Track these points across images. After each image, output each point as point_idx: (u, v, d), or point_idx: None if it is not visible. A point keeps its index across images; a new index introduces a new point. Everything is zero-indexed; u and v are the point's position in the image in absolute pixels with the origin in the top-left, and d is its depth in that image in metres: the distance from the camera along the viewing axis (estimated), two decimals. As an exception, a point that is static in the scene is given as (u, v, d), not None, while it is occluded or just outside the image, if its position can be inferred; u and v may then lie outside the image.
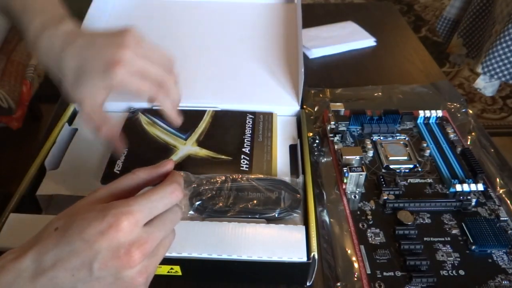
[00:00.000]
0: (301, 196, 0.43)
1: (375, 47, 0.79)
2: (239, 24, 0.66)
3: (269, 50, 0.62)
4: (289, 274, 0.39)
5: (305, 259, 0.37)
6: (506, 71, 0.96)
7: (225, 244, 0.38)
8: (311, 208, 0.41)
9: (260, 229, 0.39)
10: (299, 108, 0.54)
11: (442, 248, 0.43)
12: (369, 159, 0.53)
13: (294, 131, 0.53)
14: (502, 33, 0.91)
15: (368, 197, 0.48)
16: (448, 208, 0.46)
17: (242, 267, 0.38)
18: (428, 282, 0.39)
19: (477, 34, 1.09)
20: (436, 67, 0.74)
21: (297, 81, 0.57)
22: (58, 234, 0.28)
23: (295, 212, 0.42)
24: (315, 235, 0.39)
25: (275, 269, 0.38)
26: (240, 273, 0.40)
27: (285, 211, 0.42)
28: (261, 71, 0.59)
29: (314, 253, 0.37)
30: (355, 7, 0.95)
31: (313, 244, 0.38)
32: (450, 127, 0.57)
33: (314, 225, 0.40)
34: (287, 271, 0.39)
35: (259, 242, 0.38)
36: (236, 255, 0.37)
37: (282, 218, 0.42)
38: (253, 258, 0.37)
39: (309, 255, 0.37)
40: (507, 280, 0.40)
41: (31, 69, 0.82)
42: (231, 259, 0.37)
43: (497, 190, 0.49)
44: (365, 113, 0.57)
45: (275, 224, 0.39)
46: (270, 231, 0.39)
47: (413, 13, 2.23)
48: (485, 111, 1.64)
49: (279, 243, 0.38)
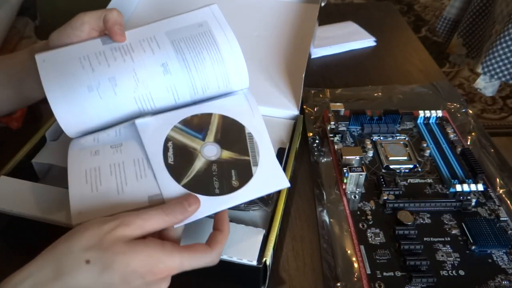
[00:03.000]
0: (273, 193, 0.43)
1: (375, 47, 0.79)
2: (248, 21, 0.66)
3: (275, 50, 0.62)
4: (240, 276, 0.39)
5: (255, 263, 0.37)
6: (506, 71, 0.96)
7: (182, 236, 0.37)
8: (278, 210, 0.42)
9: None
10: (298, 113, 0.54)
11: (442, 248, 0.43)
12: (369, 159, 0.53)
13: (287, 136, 0.52)
14: (502, 33, 0.92)
15: (368, 197, 0.48)
16: (448, 208, 0.46)
17: None
18: (428, 282, 0.39)
19: (477, 34, 1.09)
20: (436, 67, 0.74)
21: (298, 84, 0.56)
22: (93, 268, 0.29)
23: (264, 207, 0.42)
24: (273, 240, 0.39)
25: (226, 268, 0.38)
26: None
27: (254, 203, 0.42)
28: (263, 72, 0.59)
29: (266, 258, 0.37)
30: (355, 7, 0.95)
31: (268, 249, 0.38)
32: (450, 127, 0.57)
33: (276, 229, 0.40)
34: (238, 273, 0.38)
35: None
36: None
37: (249, 210, 0.42)
38: None
39: (261, 259, 0.37)
40: (507, 280, 0.40)
41: (31, 69, 0.81)
42: None
43: (497, 190, 0.49)
44: (365, 113, 0.57)
45: (237, 224, 0.39)
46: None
47: (413, 13, 2.23)
48: (485, 111, 1.64)
49: (234, 243, 0.38)
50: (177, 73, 0.41)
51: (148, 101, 0.41)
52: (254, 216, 0.43)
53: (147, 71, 0.41)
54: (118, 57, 0.41)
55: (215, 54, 0.42)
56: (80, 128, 0.41)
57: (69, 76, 0.40)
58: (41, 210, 0.39)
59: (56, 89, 0.39)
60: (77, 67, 0.40)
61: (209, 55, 0.42)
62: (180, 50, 0.42)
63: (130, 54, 0.41)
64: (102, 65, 0.40)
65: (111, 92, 0.40)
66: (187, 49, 0.42)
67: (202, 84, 0.42)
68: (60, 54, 0.41)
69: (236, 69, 0.43)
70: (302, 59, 0.59)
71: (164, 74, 0.41)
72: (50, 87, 0.39)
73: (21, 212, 0.39)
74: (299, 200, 0.49)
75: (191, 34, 0.43)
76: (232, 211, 0.43)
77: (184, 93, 0.42)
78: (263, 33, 0.64)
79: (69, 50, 0.41)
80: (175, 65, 0.41)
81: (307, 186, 0.51)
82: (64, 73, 0.40)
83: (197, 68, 0.42)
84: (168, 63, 0.41)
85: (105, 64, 0.40)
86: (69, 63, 0.40)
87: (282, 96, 0.56)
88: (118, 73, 0.40)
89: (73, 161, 0.39)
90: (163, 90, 0.41)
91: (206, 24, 0.44)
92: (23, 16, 0.77)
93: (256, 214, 0.43)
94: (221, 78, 0.43)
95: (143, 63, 0.41)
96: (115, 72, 0.40)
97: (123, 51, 0.41)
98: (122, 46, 0.41)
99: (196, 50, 0.42)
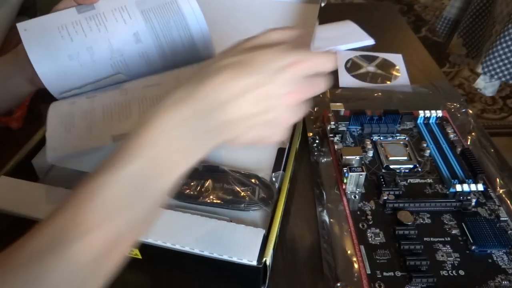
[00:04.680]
0: (274, 191, 0.43)
1: (376, 47, 0.79)
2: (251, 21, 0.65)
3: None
4: (240, 276, 0.39)
5: (255, 263, 0.36)
6: (506, 71, 0.96)
7: (182, 235, 0.38)
8: (278, 210, 0.42)
9: (220, 226, 0.39)
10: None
11: (442, 248, 0.43)
12: (369, 159, 0.53)
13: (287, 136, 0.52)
14: (502, 33, 0.92)
15: (368, 197, 0.48)
16: (448, 208, 0.46)
17: (194, 260, 0.38)
18: (428, 282, 0.39)
19: (477, 34, 1.09)
20: (436, 67, 0.74)
21: None
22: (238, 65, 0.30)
23: (264, 207, 0.43)
24: (273, 240, 0.39)
25: (226, 268, 0.38)
26: (194, 266, 0.40)
27: (254, 204, 0.42)
28: None
29: (266, 258, 0.37)
30: (355, 7, 0.95)
31: (268, 249, 0.38)
32: (450, 127, 0.57)
33: (276, 229, 0.40)
34: (237, 272, 0.38)
35: (214, 239, 0.38)
36: (189, 247, 0.37)
37: (249, 209, 0.42)
38: (205, 253, 0.37)
39: (261, 259, 0.37)
40: (507, 280, 0.40)
41: (31, 69, 0.81)
42: (183, 250, 0.37)
43: (497, 190, 0.49)
44: (365, 113, 0.57)
45: (237, 224, 0.39)
46: (229, 229, 0.39)
47: (413, 13, 2.23)
48: (485, 111, 1.64)
49: (234, 243, 0.38)
50: (147, 41, 0.47)
51: (123, 66, 0.47)
52: (254, 216, 0.43)
53: (120, 41, 0.46)
54: (93, 27, 0.45)
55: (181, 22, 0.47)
56: (63, 88, 0.46)
57: (50, 46, 0.44)
58: (41, 211, 0.39)
59: (40, 58, 0.44)
60: (56, 37, 0.44)
61: (176, 24, 0.47)
62: (149, 20, 0.46)
63: (104, 24, 0.45)
64: (79, 34, 0.45)
65: (89, 59, 0.45)
66: (155, 18, 0.47)
67: (169, 47, 0.48)
68: (40, 22, 0.45)
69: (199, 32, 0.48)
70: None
71: (136, 43, 0.46)
72: (34, 56, 0.44)
73: (21, 212, 0.39)
74: (299, 200, 0.49)
75: (159, 3, 0.47)
76: (231, 211, 0.43)
77: (154, 58, 0.48)
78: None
79: (48, 18, 0.45)
80: (146, 34, 0.46)
81: (307, 186, 0.51)
82: (46, 43, 0.44)
83: (165, 36, 0.47)
84: (139, 32, 0.46)
85: (82, 34, 0.45)
86: (49, 32, 0.45)
87: None
88: (94, 43, 0.45)
89: (52, 108, 0.45)
90: (135, 56, 0.47)
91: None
92: (23, 16, 0.77)
93: (256, 214, 0.43)
94: (186, 41, 0.48)
95: (116, 33, 0.46)
96: (92, 42, 0.45)
97: (98, 21, 0.45)
98: (96, 15, 0.46)
99: (163, 18, 0.47)
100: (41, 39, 0.44)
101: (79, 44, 0.45)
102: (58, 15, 0.46)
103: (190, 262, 0.39)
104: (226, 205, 0.43)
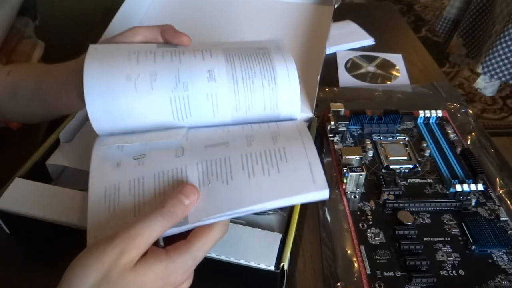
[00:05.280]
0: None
1: (376, 46, 0.79)
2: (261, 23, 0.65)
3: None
4: (257, 281, 0.39)
5: (273, 268, 0.36)
6: (506, 71, 0.96)
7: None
8: (295, 214, 0.41)
9: (237, 230, 0.39)
10: (312, 115, 0.52)
11: (442, 248, 0.43)
12: (369, 159, 0.53)
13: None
14: (502, 33, 0.92)
15: (368, 197, 0.48)
16: (448, 208, 0.46)
17: (210, 265, 0.38)
18: (428, 282, 0.39)
19: (477, 34, 1.09)
20: (436, 67, 0.74)
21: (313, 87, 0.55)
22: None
23: (279, 211, 0.42)
24: (290, 244, 0.39)
25: (243, 273, 0.38)
26: (210, 270, 0.40)
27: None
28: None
29: (284, 263, 0.37)
30: (355, 7, 0.95)
31: (286, 254, 0.38)
32: (450, 127, 0.57)
33: (293, 234, 0.40)
34: (255, 277, 0.38)
35: (231, 243, 0.38)
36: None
37: (264, 213, 0.42)
38: (222, 258, 0.37)
39: (279, 264, 0.37)
40: (507, 280, 0.40)
41: (31, 69, 0.81)
42: None
43: (497, 190, 0.49)
44: (365, 113, 0.57)
45: (253, 228, 0.39)
46: (245, 233, 0.39)
47: (413, 13, 2.23)
48: (485, 111, 1.64)
49: (251, 247, 0.37)
50: (221, 82, 0.38)
51: (184, 106, 0.38)
52: (269, 220, 0.43)
53: (191, 73, 0.38)
54: (167, 56, 0.39)
55: (268, 72, 0.39)
56: (107, 121, 0.38)
57: (112, 63, 0.38)
58: (56, 213, 0.39)
59: (94, 72, 0.37)
60: (123, 58, 0.38)
61: (261, 71, 0.39)
62: (231, 61, 0.39)
63: (179, 56, 0.39)
64: (149, 60, 0.38)
65: (148, 85, 0.37)
66: (239, 62, 0.39)
67: (247, 100, 0.39)
68: (114, 46, 0.40)
69: (287, 94, 0.39)
70: (316, 61, 0.58)
71: (208, 81, 0.38)
72: (89, 71, 0.37)
73: (36, 214, 0.39)
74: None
75: (248, 52, 0.41)
76: (247, 215, 0.42)
77: (224, 106, 0.39)
78: (276, 35, 0.63)
79: (124, 45, 0.40)
80: (222, 73, 0.39)
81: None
82: (109, 61, 0.38)
83: (244, 82, 0.39)
84: (215, 70, 0.39)
85: (151, 60, 0.38)
86: (117, 53, 0.39)
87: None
88: (160, 69, 0.38)
89: (95, 174, 0.37)
90: (202, 97, 0.38)
91: (266, 48, 0.41)
92: (23, 16, 0.77)
93: (272, 217, 0.43)
94: (269, 98, 0.39)
95: (189, 65, 0.39)
96: (158, 68, 0.38)
97: (174, 53, 0.39)
98: (175, 50, 0.40)
99: (248, 64, 0.39)
100: (105, 58, 0.38)
101: (144, 67, 0.38)
102: (137, 45, 0.40)
103: (206, 266, 0.39)
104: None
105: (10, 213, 0.40)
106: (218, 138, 0.38)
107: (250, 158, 0.36)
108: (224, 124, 0.40)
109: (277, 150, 0.36)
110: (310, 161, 0.35)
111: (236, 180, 0.34)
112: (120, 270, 0.29)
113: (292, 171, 0.34)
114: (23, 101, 0.45)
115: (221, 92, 0.38)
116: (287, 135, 0.38)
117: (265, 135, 0.38)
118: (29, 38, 0.77)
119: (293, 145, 0.36)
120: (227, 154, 0.36)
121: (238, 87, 0.39)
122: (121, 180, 0.36)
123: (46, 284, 0.30)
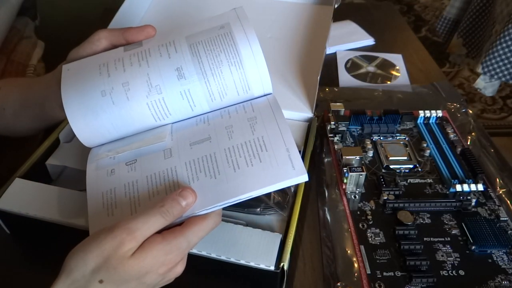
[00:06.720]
0: (289, 196, 0.43)
1: (376, 46, 0.79)
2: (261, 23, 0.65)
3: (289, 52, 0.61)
4: (257, 281, 0.39)
5: (273, 268, 0.36)
6: (506, 71, 0.96)
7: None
8: (295, 215, 0.41)
9: (237, 231, 0.39)
10: (312, 115, 0.53)
11: (442, 248, 0.43)
12: (369, 159, 0.53)
13: (301, 138, 0.51)
14: (502, 33, 0.91)
15: (368, 197, 0.48)
16: (448, 208, 0.46)
17: (211, 264, 0.38)
18: (428, 282, 0.39)
19: (477, 34, 1.09)
20: (436, 67, 0.74)
21: (313, 86, 0.55)
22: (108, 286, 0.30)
23: (279, 211, 0.42)
24: (290, 244, 0.39)
25: (243, 273, 0.38)
26: (211, 270, 0.40)
27: (269, 208, 0.42)
28: (277, 74, 0.58)
29: (283, 263, 0.37)
30: (355, 7, 0.95)
31: (286, 254, 0.38)
32: (450, 127, 0.57)
33: (293, 234, 0.40)
34: (255, 277, 0.38)
35: (231, 243, 0.38)
36: (205, 251, 0.37)
37: (264, 214, 0.42)
38: (222, 258, 0.37)
39: (279, 264, 0.37)
40: (507, 280, 0.40)
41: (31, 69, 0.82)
42: (200, 254, 0.37)
43: (497, 190, 0.49)
44: (365, 113, 0.57)
45: (253, 228, 0.39)
46: (245, 234, 0.39)
47: (413, 13, 2.23)
48: (485, 111, 1.64)
49: (251, 247, 0.38)
50: (191, 78, 0.39)
51: (162, 108, 0.40)
52: (269, 220, 0.43)
53: (160, 76, 0.39)
54: (135, 62, 0.40)
55: (234, 58, 0.40)
56: (95, 136, 0.40)
57: (85, 83, 0.39)
58: (55, 213, 0.39)
59: (71, 95, 0.39)
60: (95, 74, 0.40)
61: (227, 58, 0.40)
62: (196, 53, 0.40)
63: (147, 58, 0.40)
64: (118, 70, 0.39)
65: (123, 96, 0.39)
66: (204, 52, 0.40)
67: (219, 89, 0.40)
68: (84, 62, 0.42)
69: (256, 75, 0.40)
70: (316, 61, 0.58)
71: (178, 79, 0.39)
72: (67, 94, 0.39)
73: (36, 214, 0.39)
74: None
75: (211, 36, 0.40)
76: (247, 215, 0.43)
77: (200, 100, 0.40)
78: (276, 35, 0.63)
79: (93, 58, 0.42)
80: (190, 69, 0.39)
81: (307, 185, 0.51)
82: (81, 80, 0.40)
83: (213, 72, 0.39)
84: (183, 67, 0.39)
85: (121, 69, 0.39)
86: (88, 70, 0.40)
87: (296, 98, 0.55)
88: (131, 78, 0.39)
89: (91, 183, 0.38)
90: (177, 96, 0.39)
91: (228, 26, 0.41)
92: (23, 16, 0.77)
93: (272, 218, 0.43)
94: (239, 83, 0.40)
95: (157, 67, 0.39)
96: (129, 77, 0.39)
97: (141, 56, 0.40)
98: (141, 51, 0.40)
99: (213, 53, 0.40)
100: (78, 77, 0.40)
101: (115, 79, 0.39)
102: (104, 54, 0.42)
103: (206, 266, 0.39)
104: (242, 209, 0.43)
105: (10, 213, 0.40)
106: (201, 134, 0.40)
107: (233, 151, 0.37)
108: (203, 113, 0.42)
109: (257, 139, 0.38)
110: (287, 147, 0.37)
111: (223, 174, 0.36)
112: (119, 258, 0.30)
113: (272, 160, 0.36)
114: (10, 115, 0.47)
115: (193, 88, 0.40)
116: (263, 119, 0.39)
117: (243, 124, 0.40)
118: (29, 38, 0.77)
119: (270, 131, 0.38)
120: (211, 150, 0.38)
121: (208, 80, 0.40)
122: (116, 185, 0.38)
123: (46, 284, 0.30)
